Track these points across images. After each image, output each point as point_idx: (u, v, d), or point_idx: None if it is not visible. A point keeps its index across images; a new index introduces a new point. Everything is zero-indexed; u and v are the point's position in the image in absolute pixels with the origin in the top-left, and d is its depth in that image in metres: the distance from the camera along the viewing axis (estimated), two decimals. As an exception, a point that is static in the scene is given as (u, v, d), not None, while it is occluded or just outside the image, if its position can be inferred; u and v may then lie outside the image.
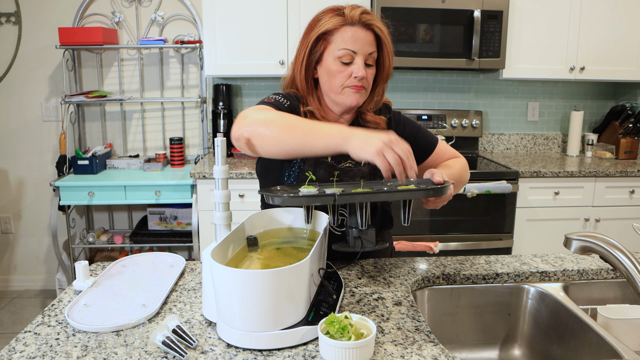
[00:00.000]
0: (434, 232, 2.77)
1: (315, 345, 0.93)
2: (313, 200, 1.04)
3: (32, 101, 3.20)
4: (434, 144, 1.44)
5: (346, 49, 1.23)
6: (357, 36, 1.23)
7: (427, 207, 1.25)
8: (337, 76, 1.26)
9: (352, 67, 1.24)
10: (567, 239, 0.98)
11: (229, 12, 2.79)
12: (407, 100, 3.34)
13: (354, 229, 1.15)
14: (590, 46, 3.00)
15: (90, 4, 3.09)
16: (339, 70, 1.25)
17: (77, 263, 1.17)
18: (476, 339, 1.30)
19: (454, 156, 1.48)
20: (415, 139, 1.40)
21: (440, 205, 1.24)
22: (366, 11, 1.25)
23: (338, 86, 1.26)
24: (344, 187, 1.13)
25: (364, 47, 1.24)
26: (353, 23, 1.24)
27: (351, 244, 1.16)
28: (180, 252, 3.34)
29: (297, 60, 1.31)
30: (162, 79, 3.20)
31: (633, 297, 1.32)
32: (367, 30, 1.25)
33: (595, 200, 2.87)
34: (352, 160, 1.33)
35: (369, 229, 1.14)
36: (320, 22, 1.26)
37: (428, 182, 1.17)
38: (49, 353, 0.91)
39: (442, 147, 1.46)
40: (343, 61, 1.24)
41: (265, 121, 1.11)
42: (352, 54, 1.24)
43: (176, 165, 3.09)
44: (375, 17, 1.27)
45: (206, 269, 0.99)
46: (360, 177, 1.30)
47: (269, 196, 1.05)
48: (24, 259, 3.40)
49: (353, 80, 1.25)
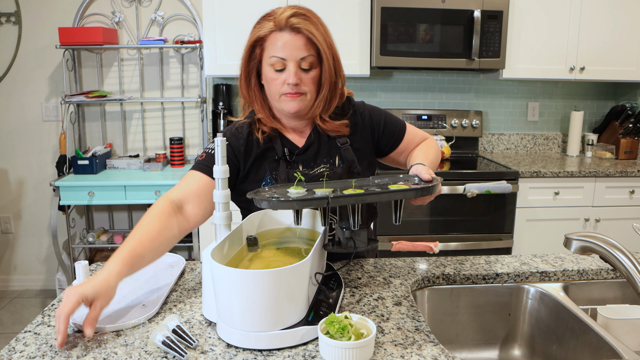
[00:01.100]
0: (434, 232, 2.77)
1: (315, 345, 0.93)
2: (306, 204, 1.02)
3: (32, 101, 3.20)
4: (403, 130, 1.40)
5: (275, 56, 1.19)
6: (284, 42, 1.18)
7: (415, 204, 1.23)
8: (272, 84, 1.22)
9: (284, 74, 1.20)
10: (567, 239, 0.98)
11: (229, 12, 2.79)
12: (407, 100, 3.34)
13: (346, 230, 1.14)
14: (590, 46, 3.00)
15: (90, 4, 3.09)
16: (272, 77, 1.21)
17: (77, 263, 1.17)
18: (476, 339, 1.30)
19: (424, 138, 1.44)
20: (385, 128, 1.37)
21: (427, 201, 1.22)
22: (296, 13, 1.19)
23: (276, 94, 1.23)
24: (334, 187, 1.11)
25: (294, 52, 1.18)
26: (281, 28, 1.19)
27: (343, 244, 1.15)
28: (180, 252, 3.34)
29: (240, 70, 1.28)
30: (162, 79, 3.20)
31: (633, 297, 1.32)
32: (297, 34, 1.18)
33: (595, 201, 2.87)
34: (327, 164, 1.30)
35: (360, 229, 1.14)
36: (255, 28, 1.24)
37: (416, 177, 1.17)
38: (49, 353, 0.91)
39: (412, 132, 1.42)
40: (276, 69, 1.20)
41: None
42: (283, 61, 1.19)
43: (176, 165, 3.09)
44: (307, 17, 1.20)
45: (206, 269, 0.99)
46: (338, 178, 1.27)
47: (259, 200, 1.02)
48: (24, 259, 3.40)
49: (287, 87, 1.20)
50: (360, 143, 1.34)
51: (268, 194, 1.05)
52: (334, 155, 1.31)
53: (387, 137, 1.38)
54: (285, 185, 1.12)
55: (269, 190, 1.10)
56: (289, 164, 1.28)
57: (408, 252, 1.85)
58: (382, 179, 1.18)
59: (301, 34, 1.19)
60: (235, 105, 3.23)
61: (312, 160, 1.30)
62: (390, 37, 2.80)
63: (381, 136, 1.37)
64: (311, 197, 1.03)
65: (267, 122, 1.28)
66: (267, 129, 1.28)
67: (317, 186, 1.11)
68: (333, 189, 1.08)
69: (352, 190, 1.08)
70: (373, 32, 2.82)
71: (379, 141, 1.38)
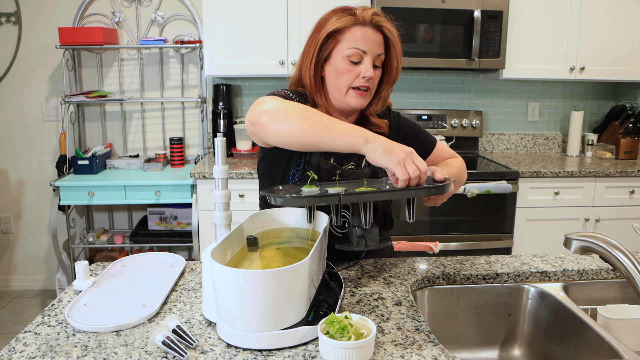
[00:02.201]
0: (434, 232, 2.77)
1: (315, 345, 0.93)
2: (318, 200, 1.03)
3: (32, 101, 3.20)
4: (432, 145, 1.44)
5: (356, 48, 1.24)
6: (367, 36, 1.24)
7: (427, 205, 1.25)
8: (344, 75, 1.26)
9: (361, 67, 1.25)
10: (567, 239, 0.98)
11: (229, 12, 2.79)
12: (407, 100, 3.34)
13: (358, 228, 1.15)
14: (590, 46, 3.00)
15: (90, 4, 3.09)
16: (347, 69, 1.25)
17: (77, 263, 1.17)
18: (476, 339, 1.30)
19: (452, 156, 1.48)
20: (414, 140, 1.41)
21: (440, 202, 1.25)
22: (377, 13, 1.26)
23: (344, 86, 1.26)
24: (347, 187, 1.12)
25: (374, 47, 1.24)
26: (364, 23, 1.24)
27: (355, 243, 1.16)
28: (180, 252, 3.34)
29: (305, 58, 1.31)
30: (162, 79, 3.20)
31: (633, 297, 1.32)
32: (377, 32, 1.25)
33: (595, 200, 2.87)
34: (355, 162, 1.33)
35: (372, 227, 1.14)
36: (331, 20, 1.26)
37: (429, 180, 1.17)
38: (49, 353, 0.91)
39: (441, 148, 1.47)
40: (352, 60, 1.24)
41: (286, 110, 1.11)
42: (362, 54, 1.24)
43: (176, 165, 3.09)
44: (385, 19, 1.27)
45: (206, 269, 0.99)
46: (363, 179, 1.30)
47: (271, 196, 1.04)
48: (24, 259, 3.40)
49: (360, 80, 1.25)
50: None
51: (281, 192, 1.06)
52: (363, 157, 1.33)
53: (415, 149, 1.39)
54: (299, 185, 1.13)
55: (283, 188, 1.12)
56: (323, 152, 1.30)
57: (408, 252, 1.85)
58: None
59: (381, 32, 1.26)
60: (235, 105, 3.23)
61: (344, 157, 1.33)
62: (390, 37, 2.79)
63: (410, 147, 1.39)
64: (323, 194, 1.03)
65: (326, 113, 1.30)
66: None
67: (330, 185, 1.12)
68: (345, 188, 1.08)
69: (364, 188, 1.08)
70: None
71: None
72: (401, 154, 1.04)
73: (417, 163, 1.05)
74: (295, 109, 1.11)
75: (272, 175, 1.35)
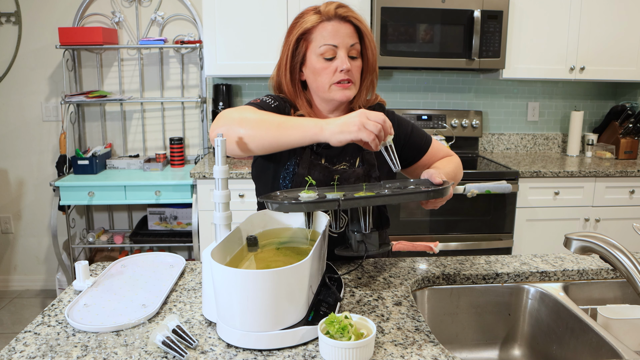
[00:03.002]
0: (434, 232, 2.77)
1: (315, 345, 0.93)
2: (317, 206, 1.03)
3: (32, 101, 3.20)
4: (428, 143, 1.44)
5: (327, 44, 1.24)
6: (335, 30, 1.24)
7: (426, 207, 1.25)
8: (322, 74, 1.26)
9: (336, 61, 1.25)
10: (567, 239, 0.98)
11: (229, 12, 2.79)
12: (407, 100, 3.34)
13: (357, 233, 1.14)
14: (590, 46, 3.00)
15: (90, 4, 3.09)
16: (323, 67, 1.25)
17: (77, 263, 1.17)
18: (476, 339, 1.30)
19: (448, 154, 1.48)
20: (410, 138, 1.40)
21: (439, 205, 1.24)
22: (341, 4, 1.26)
23: (325, 83, 1.27)
24: (345, 191, 1.12)
25: (345, 39, 1.24)
26: (330, 18, 1.24)
27: (355, 248, 1.16)
28: (180, 252, 3.34)
29: (280, 64, 1.32)
30: (162, 79, 3.20)
31: (633, 297, 1.32)
32: (345, 23, 1.25)
33: (595, 200, 2.87)
34: (348, 162, 1.33)
35: (372, 232, 1.14)
36: (298, 23, 1.28)
37: (427, 183, 1.17)
38: (49, 353, 0.91)
39: (436, 146, 1.46)
40: (326, 57, 1.24)
41: (240, 119, 1.13)
42: (334, 49, 1.24)
43: (176, 165, 3.09)
44: (351, 9, 1.27)
45: (206, 269, 0.99)
46: (355, 179, 1.29)
47: (270, 203, 1.04)
48: (24, 259, 3.40)
49: (339, 75, 1.25)
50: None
51: (279, 198, 1.06)
52: (356, 156, 1.33)
53: (410, 148, 1.40)
54: (296, 190, 1.12)
55: (281, 194, 1.11)
56: (313, 153, 1.30)
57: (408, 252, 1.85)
58: (393, 183, 1.19)
59: (349, 22, 1.26)
60: (235, 105, 3.23)
61: (335, 157, 1.32)
62: (390, 37, 2.80)
63: (405, 146, 1.40)
64: (322, 199, 1.03)
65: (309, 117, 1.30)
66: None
67: (328, 190, 1.12)
68: (344, 193, 1.08)
69: (363, 193, 1.07)
70: (373, 32, 2.81)
71: (402, 151, 1.40)
72: (356, 120, 1.04)
73: (372, 118, 1.05)
74: (248, 117, 1.13)
75: (264, 178, 1.35)
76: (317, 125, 1.08)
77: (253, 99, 1.31)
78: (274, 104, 1.28)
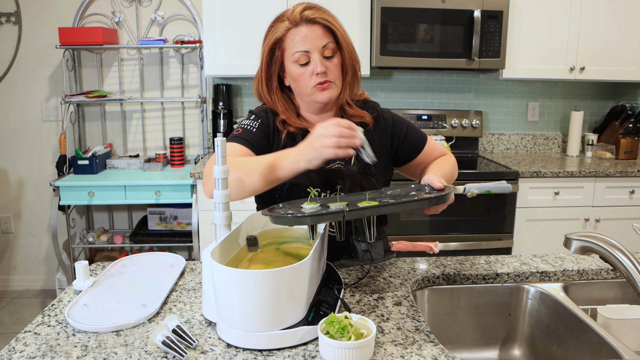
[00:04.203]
0: (434, 232, 2.77)
1: (315, 345, 0.93)
2: (322, 218, 1.02)
3: (32, 101, 3.20)
4: (424, 142, 1.43)
5: (298, 51, 1.24)
6: (304, 35, 1.23)
7: (428, 213, 1.24)
8: (300, 79, 1.26)
9: (310, 66, 1.24)
10: (567, 239, 0.98)
11: (229, 12, 2.79)
12: (407, 100, 3.34)
13: (362, 243, 1.14)
14: (590, 46, 3.00)
15: (90, 4, 3.09)
16: (299, 73, 1.26)
17: (77, 263, 1.17)
18: (476, 339, 1.30)
19: (443, 153, 1.47)
20: (406, 137, 1.40)
21: (440, 210, 1.23)
22: (307, 6, 1.25)
23: (306, 88, 1.27)
24: (348, 201, 1.11)
25: (315, 42, 1.23)
26: (296, 24, 1.24)
27: (360, 257, 1.16)
28: (180, 252, 3.34)
29: (257, 74, 1.33)
30: (162, 79, 3.20)
31: (633, 297, 1.32)
32: (314, 25, 1.24)
33: (595, 200, 2.87)
34: (342, 161, 1.32)
35: (376, 241, 1.14)
36: (270, 32, 1.28)
37: (427, 188, 1.17)
38: (49, 353, 0.91)
39: (431, 145, 1.45)
40: (300, 63, 1.25)
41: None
42: (306, 54, 1.24)
43: (176, 165, 3.09)
44: (318, 8, 1.26)
45: (206, 269, 0.99)
46: (350, 177, 1.29)
47: (273, 217, 1.04)
48: (24, 259, 3.40)
49: (316, 77, 1.24)
50: (379, 146, 1.35)
51: (282, 211, 1.06)
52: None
53: (406, 146, 1.40)
54: (299, 201, 1.12)
55: (283, 207, 1.11)
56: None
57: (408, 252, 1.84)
58: (394, 190, 1.19)
59: (317, 24, 1.24)
60: (235, 105, 3.23)
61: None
62: (390, 37, 2.80)
63: (400, 144, 1.39)
64: (326, 211, 1.03)
65: (293, 123, 1.31)
66: (293, 129, 1.31)
67: (331, 201, 1.11)
68: (347, 203, 1.08)
69: (367, 202, 1.07)
70: (373, 32, 2.82)
71: (398, 149, 1.40)
72: (317, 136, 1.05)
73: (332, 131, 1.04)
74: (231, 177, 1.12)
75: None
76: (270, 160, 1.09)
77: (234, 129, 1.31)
78: (256, 126, 1.29)
